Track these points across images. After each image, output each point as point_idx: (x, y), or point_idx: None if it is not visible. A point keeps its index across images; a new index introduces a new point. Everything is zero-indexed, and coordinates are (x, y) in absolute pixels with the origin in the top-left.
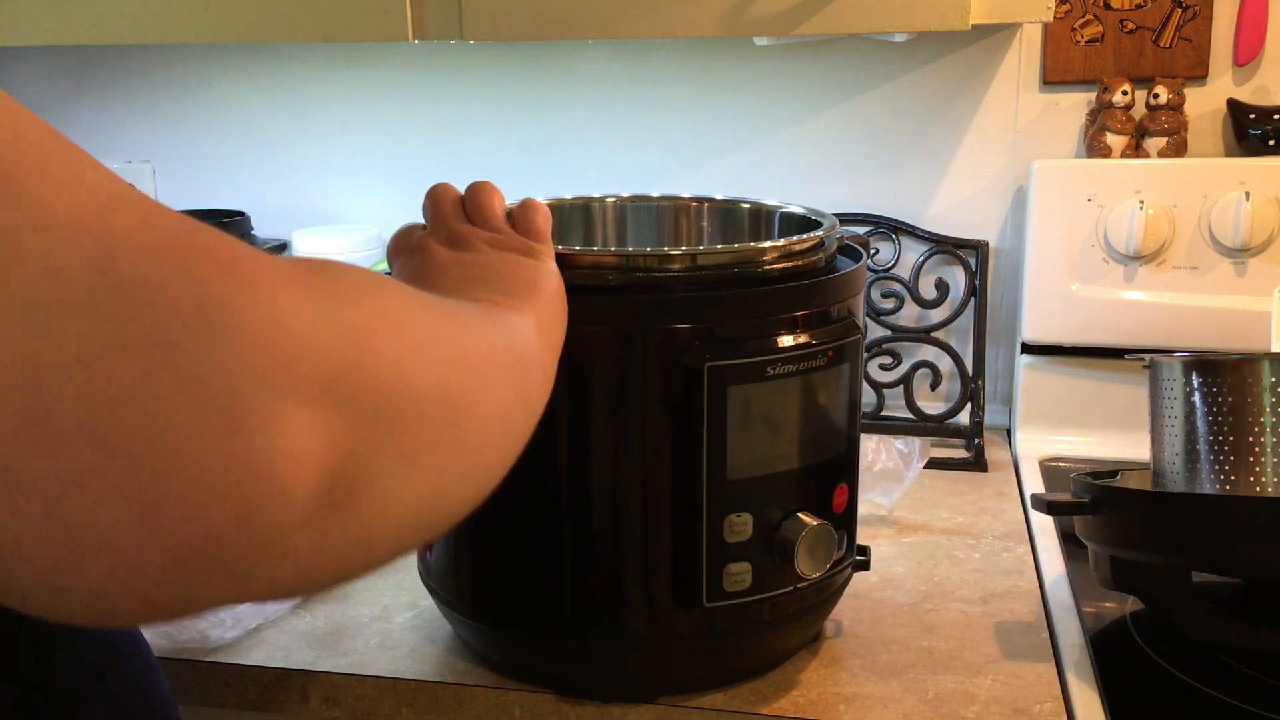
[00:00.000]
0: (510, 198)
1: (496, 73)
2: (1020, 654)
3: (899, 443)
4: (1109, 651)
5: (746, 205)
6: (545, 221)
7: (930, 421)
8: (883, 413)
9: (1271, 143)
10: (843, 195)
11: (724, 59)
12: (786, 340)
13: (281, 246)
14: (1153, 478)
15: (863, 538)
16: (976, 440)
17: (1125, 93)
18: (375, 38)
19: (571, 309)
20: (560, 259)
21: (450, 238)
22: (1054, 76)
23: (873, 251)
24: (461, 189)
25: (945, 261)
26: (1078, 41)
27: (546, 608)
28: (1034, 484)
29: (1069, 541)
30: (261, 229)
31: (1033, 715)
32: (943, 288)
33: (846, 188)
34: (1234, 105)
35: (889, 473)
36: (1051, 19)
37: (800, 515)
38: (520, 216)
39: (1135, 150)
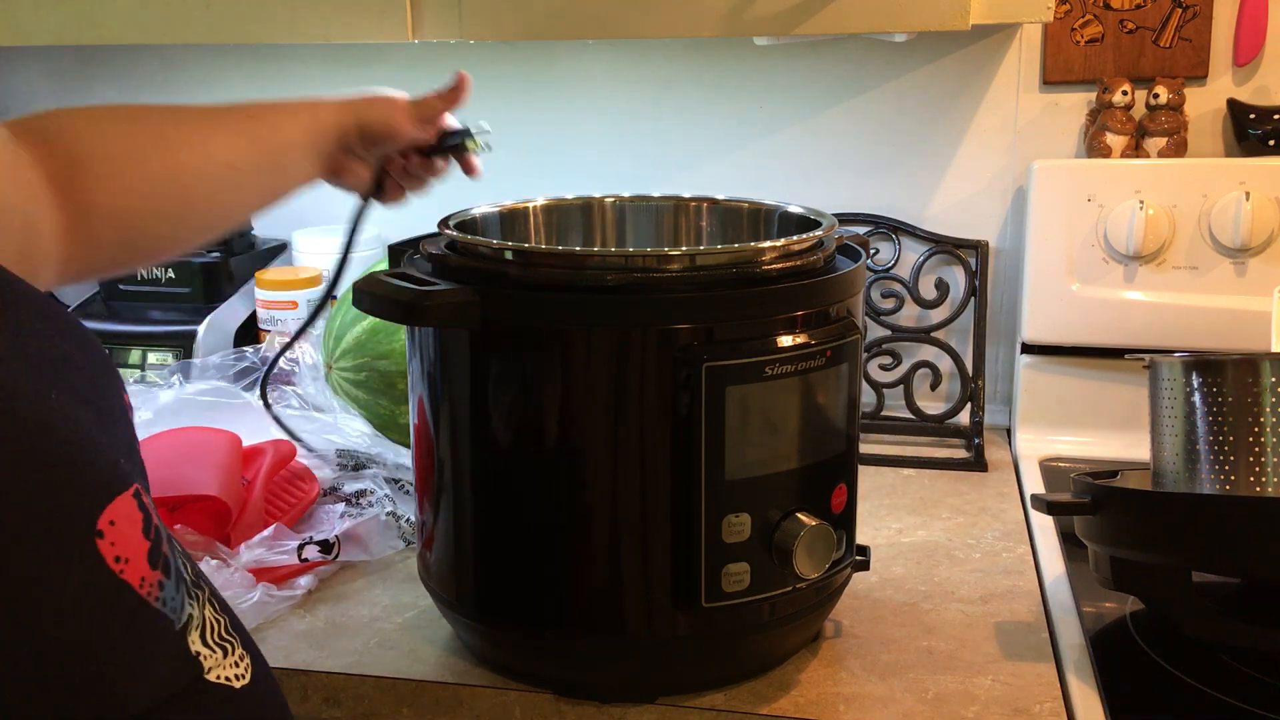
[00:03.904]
0: (510, 198)
1: (496, 73)
2: (1020, 654)
3: None
4: (1109, 651)
5: (746, 205)
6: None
7: (930, 421)
8: (883, 413)
9: (1271, 143)
10: (843, 195)
11: (724, 59)
12: (785, 340)
13: (281, 247)
14: (1153, 478)
15: (861, 534)
16: (976, 440)
17: (1125, 93)
18: (375, 38)
19: (572, 309)
20: (560, 259)
21: None
22: (1054, 76)
23: (873, 251)
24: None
25: (945, 261)
26: (1078, 41)
27: (546, 608)
28: (1034, 484)
29: (1069, 541)
30: (261, 229)
31: (1033, 715)
32: (943, 288)
33: (846, 188)
34: (1234, 105)
35: None
36: (1051, 19)
37: (799, 515)
38: None
39: (1135, 150)
